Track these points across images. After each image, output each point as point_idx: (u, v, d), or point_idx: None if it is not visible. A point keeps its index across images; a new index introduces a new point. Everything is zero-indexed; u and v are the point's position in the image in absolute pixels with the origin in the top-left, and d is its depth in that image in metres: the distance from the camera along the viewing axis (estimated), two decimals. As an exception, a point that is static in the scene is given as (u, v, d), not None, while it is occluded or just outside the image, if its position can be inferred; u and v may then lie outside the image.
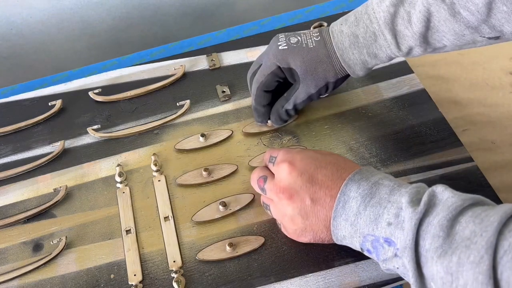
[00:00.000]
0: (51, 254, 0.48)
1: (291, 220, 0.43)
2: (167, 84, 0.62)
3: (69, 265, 0.48)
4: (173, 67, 0.63)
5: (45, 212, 0.51)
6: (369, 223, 0.38)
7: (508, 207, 0.33)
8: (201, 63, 0.64)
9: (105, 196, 0.52)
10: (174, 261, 0.47)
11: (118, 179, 0.53)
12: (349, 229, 0.40)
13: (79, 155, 0.56)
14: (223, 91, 0.60)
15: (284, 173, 0.43)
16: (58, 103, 0.60)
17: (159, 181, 0.53)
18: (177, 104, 0.60)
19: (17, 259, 0.49)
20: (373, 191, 0.39)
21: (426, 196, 0.36)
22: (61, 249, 0.48)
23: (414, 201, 0.36)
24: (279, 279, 0.45)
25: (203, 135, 0.55)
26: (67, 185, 0.53)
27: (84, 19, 0.79)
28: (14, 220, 0.51)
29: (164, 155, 0.55)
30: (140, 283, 0.46)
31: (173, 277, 0.46)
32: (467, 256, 0.32)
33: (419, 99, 0.58)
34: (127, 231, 0.49)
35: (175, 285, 0.45)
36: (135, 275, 0.46)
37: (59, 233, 0.50)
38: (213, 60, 0.64)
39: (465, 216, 0.34)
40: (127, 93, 0.61)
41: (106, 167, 0.55)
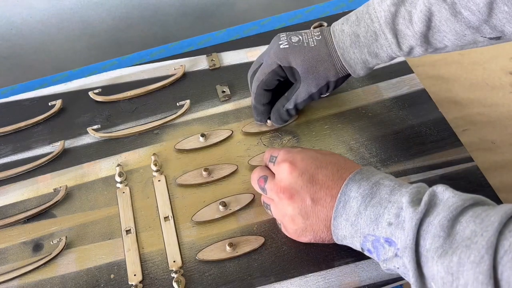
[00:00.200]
0: (51, 254, 0.48)
1: (292, 220, 0.43)
2: (167, 84, 0.62)
3: (69, 265, 0.48)
4: (173, 67, 0.63)
5: (45, 212, 0.51)
6: (369, 223, 0.38)
7: (508, 207, 0.33)
8: (201, 63, 0.64)
9: (105, 196, 0.52)
10: (174, 261, 0.47)
11: (118, 179, 0.53)
12: (350, 229, 0.40)
13: (79, 155, 0.56)
14: (223, 91, 0.60)
15: (285, 173, 0.43)
16: (58, 103, 0.60)
17: (159, 181, 0.53)
18: (177, 104, 0.60)
19: (17, 259, 0.49)
20: (374, 191, 0.39)
21: (426, 196, 0.36)
22: (61, 249, 0.48)
23: (414, 201, 0.36)
24: (279, 279, 0.45)
25: (203, 135, 0.55)
26: (67, 185, 0.53)
27: (84, 19, 0.79)
28: (14, 220, 0.51)
29: (164, 155, 0.55)
30: (140, 283, 0.46)
31: (173, 277, 0.46)
32: (467, 256, 0.32)
33: (419, 99, 0.58)
34: (127, 231, 0.49)
35: (175, 285, 0.45)
36: (135, 275, 0.46)
37: (59, 233, 0.50)
38: (213, 60, 0.64)
39: (466, 216, 0.34)
40: (127, 93, 0.61)
41: (106, 167, 0.55)
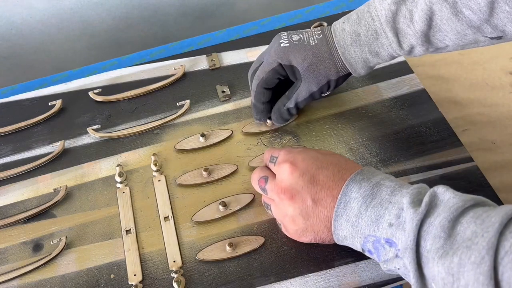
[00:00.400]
0: (51, 254, 0.48)
1: (292, 220, 0.43)
2: (167, 84, 0.62)
3: (69, 265, 0.48)
4: (173, 67, 0.63)
5: (45, 212, 0.51)
6: (370, 224, 0.38)
7: (509, 208, 0.33)
8: (201, 63, 0.64)
9: (105, 196, 0.52)
10: (174, 261, 0.47)
11: (118, 179, 0.53)
12: (350, 230, 0.40)
13: (79, 155, 0.56)
14: (223, 91, 0.60)
15: (285, 173, 0.43)
16: (58, 103, 0.60)
17: (159, 181, 0.53)
18: (177, 104, 0.60)
19: (17, 259, 0.49)
20: (374, 192, 0.39)
21: (427, 196, 0.36)
22: (61, 249, 0.48)
23: (415, 201, 0.36)
24: (279, 279, 0.45)
25: (203, 135, 0.55)
26: (67, 185, 0.53)
27: (84, 19, 0.79)
28: (14, 220, 0.51)
29: (164, 155, 0.55)
30: (140, 283, 0.46)
31: (173, 277, 0.46)
32: (468, 256, 0.32)
33: (419, 99, 0.58)
34: (127, 231, 0.49)
35: (175, 285, 0.45)
36: (135, 275, 0.46)
37: (59, 233, 0.50)
38: (213, 60, 0.64)
39: (466, 216, 0.34)
40: (127, 93, 0.61)
41: (106, 167, 0.55)
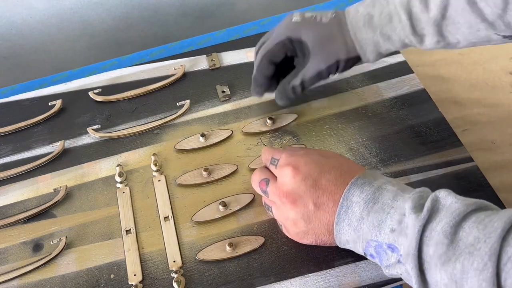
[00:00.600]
0: (51, 254, 0.48)
1: (294, 223, 0.43)
2: (167, 84, 0.62)
3: (69, 265, 0.48)
4: (173, 67, 0.63)
5: (45, 212, 0.51)
6: (372, 229, 0.38)
7: (511, 212, 0.33)
8: (201, 63, 0.64)
9: (105, 196, 0.52)
10: (174, 261, 0.47)
11: (118, 179, 0.53)
12: (352, 234, 0.39)
13: (79, 155, 0.56)
14: (223, 91, 0.60)
15: (287, 177, 0.42)
16: (58, 103, 0.60)
17: (159, 181, 0.53)
18: (177, 104, 0.60)
19: (17, 259, 0.49)
20: (376, 196, 0.39)
21: (429, 201, 0.36)
22: (61, 249, 0.48)
23: (417, 207, 0.36)
24: (279, 279, 0.45)
25: (203, 135, 0.55)
26: (67, 185, 0.53)
27: (84, 19, 0.79)
28: (14, 220, 0.51)
29: (164, 155, 0.55)
30: (140, 283, 0.46)
31: (173, 277, 0.46)
32: (471, 263, 0.32)
33: (419, 99, 0.58)
34: (127, 231, 0.49)
35: (175, 285, 0.45)
36: (135, 275, 0.46)
37: (59, 233, 0.50)
38: (213, 60, 0.64)
39: (469, 221, 0.34)
40: (127, 93, 0.61)
41: (106, 167, 0.55)
